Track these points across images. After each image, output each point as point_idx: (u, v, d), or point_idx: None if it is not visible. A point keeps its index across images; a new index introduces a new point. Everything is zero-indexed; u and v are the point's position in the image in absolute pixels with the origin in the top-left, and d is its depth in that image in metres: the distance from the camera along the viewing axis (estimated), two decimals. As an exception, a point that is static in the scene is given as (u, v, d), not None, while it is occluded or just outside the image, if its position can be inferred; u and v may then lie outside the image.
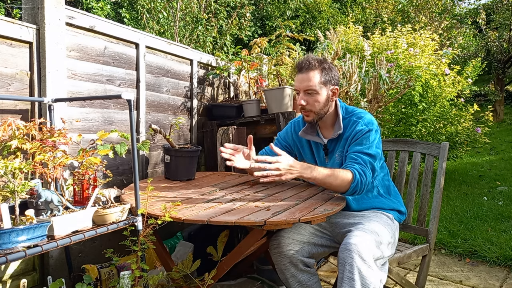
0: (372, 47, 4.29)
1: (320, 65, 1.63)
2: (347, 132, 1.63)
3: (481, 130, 4.66)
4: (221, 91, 3.05)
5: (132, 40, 2.16)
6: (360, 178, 1.47)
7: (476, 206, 3.68)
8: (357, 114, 1.66)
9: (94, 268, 1.61)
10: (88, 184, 1.41)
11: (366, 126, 1.58)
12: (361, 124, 1.60)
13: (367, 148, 1.54)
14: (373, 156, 1.54)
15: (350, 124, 1.64)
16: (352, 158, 1.54)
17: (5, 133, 1.30)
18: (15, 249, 1.01)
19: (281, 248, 1.58)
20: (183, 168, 2.10)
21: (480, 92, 10.35)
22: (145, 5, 5.27)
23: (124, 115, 2.13)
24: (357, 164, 1.51)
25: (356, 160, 1.53)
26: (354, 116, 1.65)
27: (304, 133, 1.76)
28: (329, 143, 1.71)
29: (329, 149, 1.71)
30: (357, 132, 1.59)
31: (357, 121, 1.62)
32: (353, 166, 1.51)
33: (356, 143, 1.58)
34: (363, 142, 1.56)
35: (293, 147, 1.87)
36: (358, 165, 1.51)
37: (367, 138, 1.56)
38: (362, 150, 1.54)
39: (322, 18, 11.19)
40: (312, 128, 1.75)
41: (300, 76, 1.63)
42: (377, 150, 1.57)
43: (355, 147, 1.57)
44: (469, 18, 10.52)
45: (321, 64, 1.63)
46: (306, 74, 1.62)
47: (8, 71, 1.58)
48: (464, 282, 2.29)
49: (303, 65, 1.63)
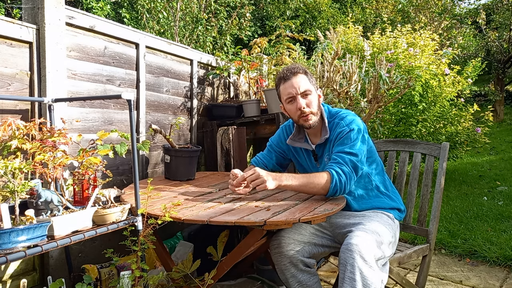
0: (372, 47, 4.29)
1: (302, 70, 1.66)
2: (331, 135, 1.64)
3: (481, 130, 4.66)
4: (221, 91, 3.05)
5: (132, 40, 2.16)
6: (339, 177, 1.47)
7: (476, 206, 3.68)
8: (340, 115, 1.66)
9: (94, 268, 1.61)
10: (88, 184, 1.41)
11: (347, 127, 1.59)
12: (342, 125, 1.61)
13: (349, 147, 1.54)
14: (354, 154, 1.53)
15: (334, 126, 1.64)
16: (332, 159, 1.56)
17: (5, 133, 1.30)
18: (15, 249, 1.01)
19: (281, 248, 1.58)
20: (183, 168, 2.10)
21: (480, 92, 10.35)
22: (145, 5, 5.27)
23: (124, 115, 2.13)
24: (335, 164, 1.52)
25: (336, 160, 1.54)
26: (337, 118, 1.66)
27: (292, 141, 1.75)
28: (317, 149, 1.70)
29: (318, 154, 1.71)
30: (338, 133, 1.60)
31: (339, 123, 1.63)
32: (330, 167, 1.51)
33: (338, 144, 1.59)
34: (345, 142, 1.57)
35: (287, 152, 1.84)
36: (336, 164, 1.51)
37: (348, 138, 1.57)
38: (343, 150, 1.55)
39: (322, 18, 11.19)
40: (300, 135, 1.75)
41: (290, 82, 1.62)
42: (361, 148, 1.56)
43: (337, 148, 1.58)
44: (469, 18, 10.52)
45: (303, 69, 1.66)
46: (295, 79, 1.62)
47: (8, 71, 1.58)
48: (464, 282, 2.29)
49: (289, 72, 1.64)
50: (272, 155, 1.86)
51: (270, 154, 1.86)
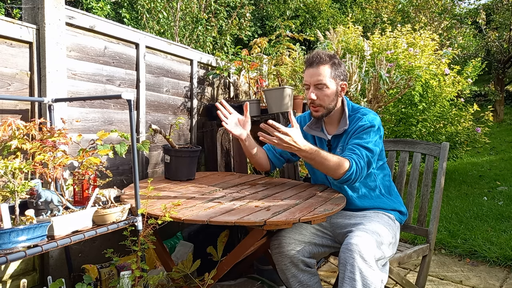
0: (372, 47, 4.29)
1: (330, 59, 1.64)
2: (350, 127, 1.66)
3: (481, 130, 4.66)
4: (221, 91, 3.05)
5: (132, 40, 2.16)
6: (356, 168, 1.50)
7: (476, 206, 3.68)
8: (362, 111, 1.69)
9: (94, 268, 1.61)
10: (88, 184, 1.41)
11: (369, 122, 1.61)
12: (365, 120, 1.63)
13: (366, 143, 1.57)
14: (371, 150, 1.56)
15: (354, 120, 1.67)
16: (350, 149, 1.58)
17: (5, 133, 1.30)
18: (15, 249, 1.01)
19: (282, 248, 1.58)
20: (183, 168, 2.10)
21: (480, 92, 10.34)
22: (145, 5, 5.27)
23: (124, 115, 2.13)
24: (354, 155, 1.54)
25: (354, 151, 1.56)
26: (359, 113, 1.68)
27: (309, 128, 1.77)
28: (332, 139, 1.73)
29: (332, 145, 1.73)
30: (359, 127, 1.62)
31: (361, 117, 1.65)
32: (350, 156, 1.53)
33: (356, 137, 1.61)
34: (363, 136, 1.59)
35: None
36: (356, 156, 1.53)
37: (367, 133, 1.59)
38: (361, 143, 1.57)
39: (322, 18, 11.19)
40: (317, 124, 1.77)
41: (310, 70, 1.64)
42: (376, 147, 1.59)
43: (354, 140, 1.60)
44: (469, 18, 10.52)
45: (331, 59, 1.64)
46: (316, 69, 1.62)
47: (8, 71, 1.58)
48: (464, 282, 2.29)
49: (314, 60, 1.64)
50: None
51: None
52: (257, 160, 1.85)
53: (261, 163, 1.88)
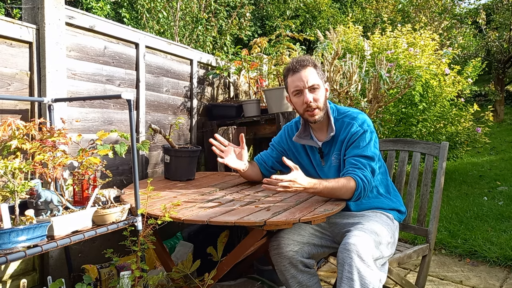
0: (372, 47, 4.29)
1: (312, 62, 1.63)
2: (342, 135, 1.62)
3: (481, 130, 4.66)
4: (221, 91, 3.05)
5: (132, 40, 2.16)
6: (363, 184, 1.48)
7: (476, 206, 3.68)
8: (350, 115, 1.64)
9: (94, 268, 1.61)
10: (88, 184, 1.41)
11: (361, 127, 1.58)
12: (356, 125, 1.59)
13: (365, 151, 1.55)
14: (371, 158, 1.54)
15: (344, 125, 1.62)
16: (352, 164, 1.54)
17: (5, 133, 1.30)
18: (15, 249, 1.01)
19: (280, 249, 1.57)
20: (183, 168, 2.10)
21: (480, 92, 10.34)
22: (145, 5, 5.27)
23: (124, 115, 2.13)
24: (358, 170, 1.51)
25: (356, 165, 1.53)
26: (347, 118, 1.64)
27: (298, 138, 1.73)
28: (323, 146, 1.69)
29: (324, 152, 1.70)
30: (352, 134, 1.58)
31: (351, 123, 1.61)
32: (354, 173, 1.50)
33: (353, 146, 1.57)
34: (360, 144, 1.56)
35: (288, 152, 1.84)
36: (359, 171, 1.51)
37: (363, 140, 1.56)
38: (360, 154, 1.54)
39: (322, 18, 11.19)
40: (305, 132, 1.74)
41: (298, 75, 1.61)
42: (375, 151, 1.57)
43: (352, 151, 1.57)
44: (469, 18, 10.51)
45: (313, 61, 1.64)
46: (304, 72, 1.60)
47: (8, 71, 1.58)
48: (464, 282, 2.28)
49: (298, 64, 1.62)
50: (273, 153, 1.87)
51: (271, 152, 1.88)
52: (250, 175, 1.87)
53: (253, 177, 1.90)
